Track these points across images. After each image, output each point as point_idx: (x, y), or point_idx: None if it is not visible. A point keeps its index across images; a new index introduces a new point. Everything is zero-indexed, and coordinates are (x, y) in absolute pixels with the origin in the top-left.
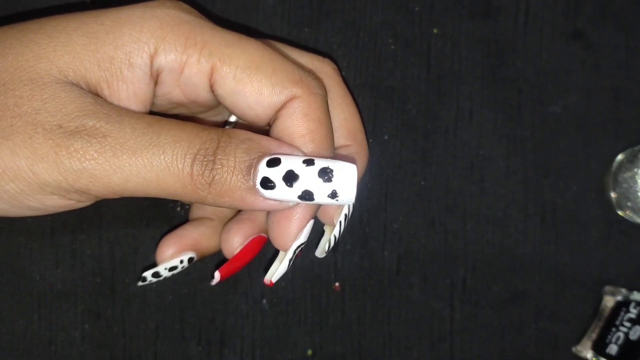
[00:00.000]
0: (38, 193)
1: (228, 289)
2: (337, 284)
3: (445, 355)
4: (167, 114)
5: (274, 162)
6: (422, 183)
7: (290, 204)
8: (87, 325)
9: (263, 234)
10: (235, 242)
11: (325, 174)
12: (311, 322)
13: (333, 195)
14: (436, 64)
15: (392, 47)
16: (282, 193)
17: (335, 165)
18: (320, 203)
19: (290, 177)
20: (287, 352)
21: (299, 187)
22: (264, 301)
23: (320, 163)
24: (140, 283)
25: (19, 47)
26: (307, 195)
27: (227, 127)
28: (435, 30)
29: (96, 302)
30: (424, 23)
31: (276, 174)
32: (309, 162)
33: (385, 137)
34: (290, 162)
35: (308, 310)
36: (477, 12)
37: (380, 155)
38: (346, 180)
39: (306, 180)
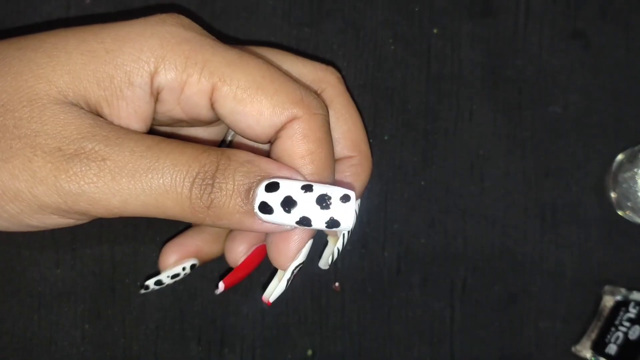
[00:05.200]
0: (38, 213)
1: (228, 289)
2: (337, 284)
3: (445, 355)
4: (167, 131)
5: (272, 187)
6: (422, 183)
7: (288, 227)
8: (87, 325)
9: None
10: (239, 251)
11: (324, 201)
12: (311, 322)
13: (330, 222)
14: (436, 64)
15: (392, 47)
16: (280, 218)
17: (333, 192)
18: (318, 229)
19: (288, 203)
20: (287, 352)
21: (296, 213)
22: None
23: (318, 189)
24: (142, 291)
25: (18, 66)
26: (304, 221)
27: (228, 136)
28: (435, 30)
29: (96, 302)
30: (424, 23)
31: (274, 199)
32: (307, 188)
33: (385, 137)
34: (289, 188)
35: (308, 310)
36: (477, 12)
37: (380, 155)
38: (344, 208)
39: (304, 206)
